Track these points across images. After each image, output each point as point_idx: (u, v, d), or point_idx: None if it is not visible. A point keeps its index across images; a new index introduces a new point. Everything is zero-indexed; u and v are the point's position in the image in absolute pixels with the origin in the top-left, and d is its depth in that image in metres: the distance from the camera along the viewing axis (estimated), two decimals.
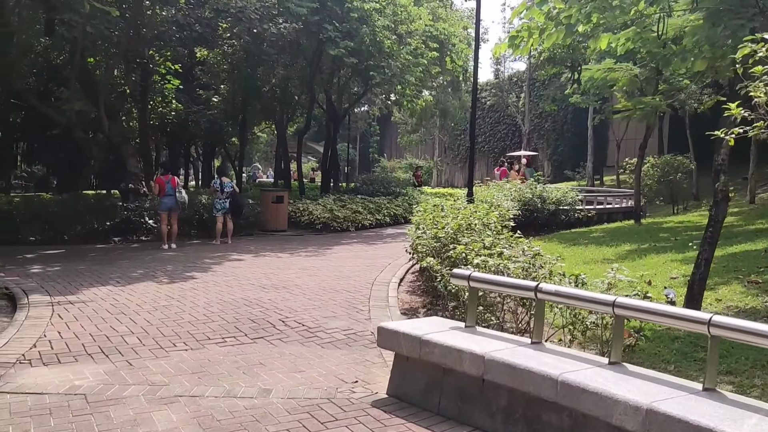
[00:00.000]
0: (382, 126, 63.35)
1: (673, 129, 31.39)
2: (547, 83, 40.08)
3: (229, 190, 13.28)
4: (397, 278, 9.14)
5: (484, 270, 5.00)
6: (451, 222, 6.87)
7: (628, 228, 15.54)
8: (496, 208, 10.60)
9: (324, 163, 23.21)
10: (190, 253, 11.80)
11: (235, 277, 9.02)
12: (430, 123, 42.38)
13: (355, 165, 61.87)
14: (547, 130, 41.39)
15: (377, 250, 12.48)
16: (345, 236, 15.24)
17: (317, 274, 9.35)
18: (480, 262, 4.98)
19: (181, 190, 12.86)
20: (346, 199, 17.99)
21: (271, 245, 13.14)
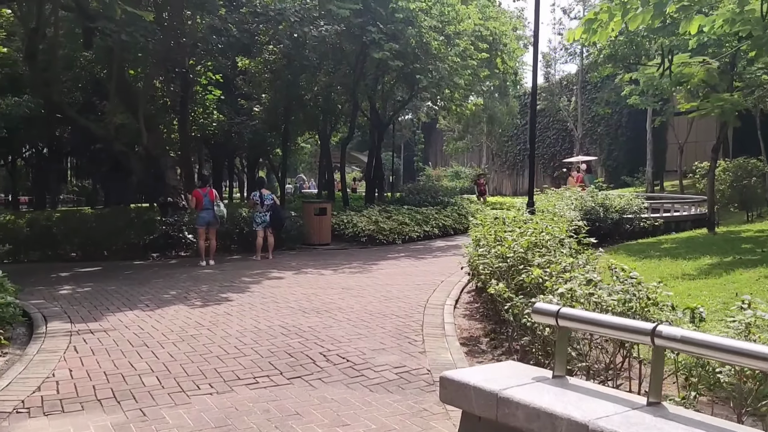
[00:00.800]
0: (426, 134, 62.49)
1: (740, 130, 29.48)
2: (599, 85, 38.46)
3: (270, 203, 12.58)
4: (452, 299, 8.18)
5: (569, 302, 4.02)
6: (518, 238, 5.89)
7: (702, 238, 14.16)
8: (559, 219, 9.59)
9: (368, 173, 22.44)
10: (228, 270, 11.10)
11: (274, 298, 8.22)
12: (477, 129, 41.25)
13: (399, 174, 61.12)
14: (600, 134, 39.69)
15: (427, 266, 11.54)
16: (391, 250, 14.35)
17: (362, 295, 8.48)
18: (565, 291, 4.00)
19: (219, 203, 12.21)
20: (392, 210, 17.11)
21: (313, 261, 12.35)
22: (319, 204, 15.49)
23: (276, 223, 12.65)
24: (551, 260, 5.15)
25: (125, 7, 9.88)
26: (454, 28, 16.11)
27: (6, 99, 19.74)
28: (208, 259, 11.93)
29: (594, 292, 3.88)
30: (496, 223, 7.12)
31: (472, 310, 7.75)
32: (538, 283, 4.69)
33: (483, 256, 6.13)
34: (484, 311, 7.50)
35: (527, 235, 5.78)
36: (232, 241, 14.16)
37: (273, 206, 12.59)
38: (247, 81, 21.40)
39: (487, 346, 5.99)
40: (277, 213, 12.59)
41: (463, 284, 9.42)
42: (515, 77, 22.18)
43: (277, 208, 12.65)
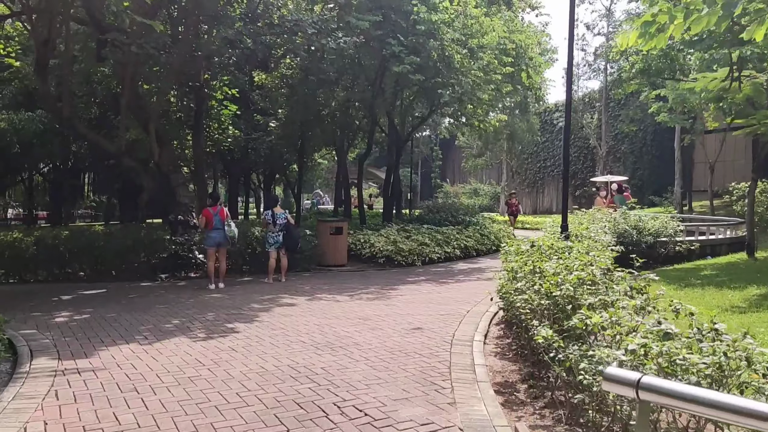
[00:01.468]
0: (444, 150, 61.88)
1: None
2: (623, 103, 37.60)
3: (283, 222, 11.92)
4: (481, 334, 7.41)
5: (642, 361, 3.25)
6: (561, 270, 5.14)
7: (742, 264, 13.24)
8: (595, 244, 8.83)
9: (386, 190, 21.75)
10: (237, 294, 10.42)
11: (284, 330, 7.51)
12: (496, 146, 40.50)
13: (417, 191, 60.49)
14: (624, 152, 38.71)
15: (450, 292, 10.77)
16: (411, 272, 13.60)
17: (381, 327, 7.73)
18: (638, 347, 3.23)
19: (230, 222, 11.54)
20: (411, 230, 16.39)
21: (328, 284, 11.64)
22: (335, 223, 14.81)
23: (290, 244, 11.97)
24: (606, 300, 4.39)
25: (134, 16, 9.35)
26: (477, 42, 15.45)
27: (19, 114, 19.42)
28: (218, 282, 11.28)
29: (676, 350, 3.11)
30: (532, 251, 6.35)
31: (503, 346, 6.97)
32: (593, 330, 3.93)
33: (521, 291, 5.37)
34: (517, 349, 6.72)
35: (574, 268, 5.02)
36: (244, 262, 13.52)
37: (286, 226, 11.91)
38: (263, 96, 20.90)
39: (525, 395, 5.21)
40: (290, 233, 11.90)
41: (491, 315, 8.65)
42: (539, 92, 21.40)
43: (291, 228, 11.96)
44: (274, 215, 11.92)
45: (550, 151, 47.30)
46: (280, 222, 11.87)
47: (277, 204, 12.33)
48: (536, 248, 6.44)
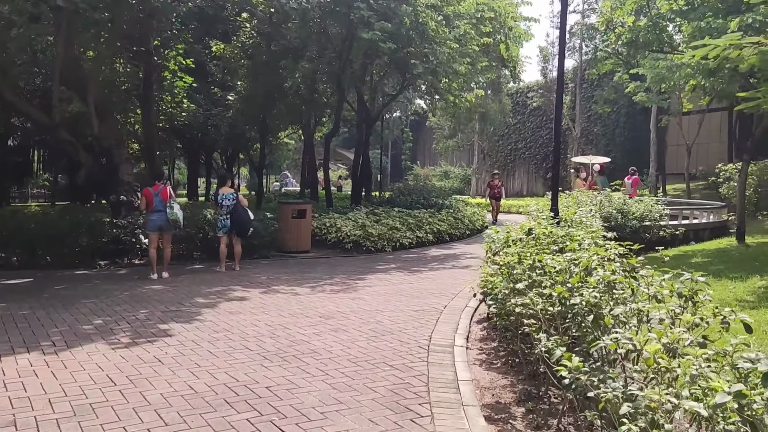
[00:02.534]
0: (415, 132, 60.74)
1: (745, 127, 27.89)
2: (596, 84, 36.85)
3: (230, 204, 10.57)
4: (462, 335, 6.29)
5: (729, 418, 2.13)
6: (571, 268, 4.03)
7: (735, 251, 12.41)
8: (587, 229, 7.80)
9: (355, 171, 20.47)
10: (181, 286, 9.11)
11: (228, 333, 6.27)
12: (468, 127, 39.46)
13: (386, 173, 59.28)
14: (596, 134, 38.04)
15: (424, 282, 9.64)
16: (380, 259, 12.43)
17: (345, 327, 6.55)
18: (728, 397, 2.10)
19: (173, 204, 10.10)
20: (381, 213, 15.20)
21: (288, 274, 10.40)
22: (298, 205, 13.52)
23: (239, 229, 10.64)
24: (641, 311, 3.28)
25: None
26: (453, 9, 14.21)
27: None
28: (161, 271, 9.94)
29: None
30: (527, 240, 5.22)
31: (489, 351, 5.86)
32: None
33: (520, 292, 4.22)
34: (506, 355, 5.63)
35: (587, 264, 3.90)
36: (195, 248, 12.17)
37: (235, 208, 10.57)
38: (221, 67, 19.35)
39: (524, 424, 4.09)
40: (239, 216, 10.54)
41: (471, 310, 7.55)
42: (516, 69, 20.26)
43: (240, 211, 10.57)
44: (221, 196, 10.60)
45: (521, 132, 46.51)
46: (226, 203, 10.54)
47: (225, 183, 10.97)
48: (532, 237, 5.30)
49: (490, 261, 5.79)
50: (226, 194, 10.71)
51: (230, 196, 10.69)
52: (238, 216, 10.60)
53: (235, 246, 10.83)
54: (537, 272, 4.34)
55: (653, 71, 21.89)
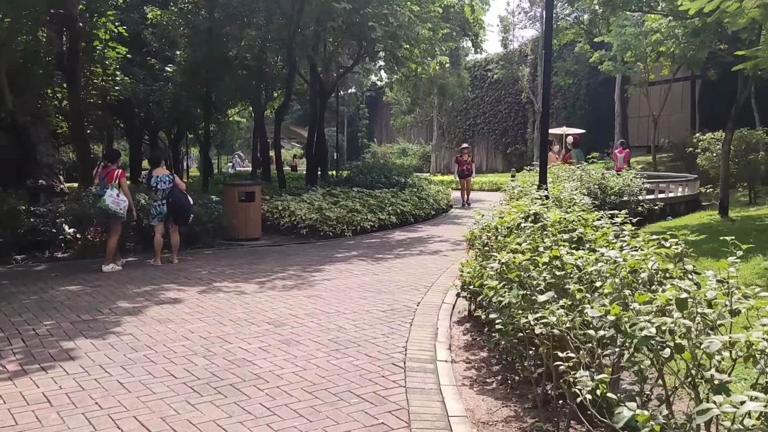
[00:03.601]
0: (371, 109, 59.26)
1: (716, 98, 27.50)
2: (556, 55, 36.03)
3: (166, 187, 9.14)
4: (444, 344, 5.13)
5: None
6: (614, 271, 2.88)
7: (721, 226, 11.62)
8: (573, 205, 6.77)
9: (309, 149, 19.07)
10: (105, 286, 7.67)
11: (150, 352, 4.95)
12: (426, 102, 38.27)
13: (343, 151, 57.79)
14: (556, 107, 37.31)
15: (390, 272, 8.45)
16: (340, 245, 11.18)
17: (299, 338, 5.31)
18: None
19: (106, 189, 8.67)
20: (339, 194, 13.93)
21: (233, 266, 9.05)
22: (245, 187, 12.10)
23: (177, 216, 9.24)
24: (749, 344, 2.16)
25: None
26: None
27: None
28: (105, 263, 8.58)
29: None
30: (535, 229, 4.04)
31: (479, 364, 4.72)
32: None
33: (533, 305, 3.04)
34: (501, 369, 4.49)
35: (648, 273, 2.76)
36: (128, 238, 10.66)
37: (172, 192, 9.14)
38: (158, 36, 17.55)
39: None
40: (176, 201, 9.13)
41: (449, 307, 6.41)
42: (476, 39, 19.03)
43: (177, 195, 9.16)
44: (154, 178, 9.15)
45: (480, 107, 45.64)
46: (161, 187, 9.11)
47: (159, 164, 9.49)
48: (540, 224, 4.13)
49: (480, 254, 4.61)
50: (160, 176, 9.26)
51: (166, 179, 9.24)
52: (175, 201, 9.17)
53: (172, 236, 9.41)
54: (556, 274, 3.16)
55: (619, 39, 21.08)
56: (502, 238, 4.39)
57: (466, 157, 18.80)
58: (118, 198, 8.89)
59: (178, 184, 9.34)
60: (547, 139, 8.22)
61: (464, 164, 18.54)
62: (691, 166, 22.68)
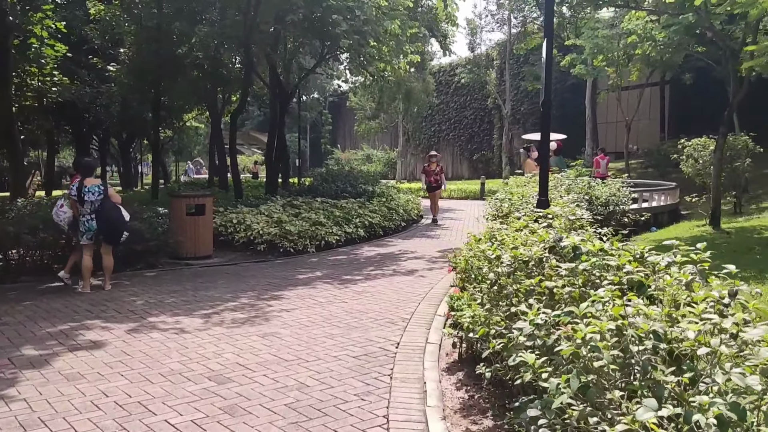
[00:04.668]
0: (334, 114, 58.08)
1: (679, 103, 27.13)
2: (522, 60, 35.45)
3: (95, 199, 7.79)
4: (436, 409, 3.96)
5: None
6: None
7: (716, 239, 10.76)
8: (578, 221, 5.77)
9: (269, 155, 17.74)
10: (12, 323, 6.27)
11: (40, 429, 3.66)
12: (391, 108, 37.25)
13: (305, 158, 56.41)
14: (524, 113, 36.74)
15: (361, 299, 7.26)
16: (302, 264, 9.94)
17: (248, 407, 4.08)
18: None
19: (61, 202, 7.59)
20: (301, 205, 12.70)
21: (175, 293, 7.73)
22: (194, 199, 10.74)
23: (107, 233, 7.88)
24: None
25: None
26: None
27: None
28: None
29: None
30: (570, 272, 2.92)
31: None
32: None
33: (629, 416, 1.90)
34: None
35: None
36: (54, 258, 9.22)
37: (102, 205, 7.79)
38: (101, 32, 16.03)
39: None
40: (107, 216, 7.78)
41: (435, 348, 5.27)
42: (444, 40, 18.01)
43: (108, 209, 7.85)
44: (79, 189, 7.79)
45: (445, 113, 44.91)
46: (90, 199, 7.75)
47: (90, 172, 8.12)
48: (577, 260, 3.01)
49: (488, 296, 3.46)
50: (90, 187, 7.89)
51: (95, 189, 7.86)
52: (106, 216, 7.81)
53: (104, 257, 8.04)
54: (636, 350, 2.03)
55: (591, 42, 20.39)
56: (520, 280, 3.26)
57: (434, 167, 15.71)
58: (60, 209, 8.02)
59: (111, 196, 7.99)
60: (548, 142, 7.12)
61: (432, 174, 15.57)
62: (664, 173, 22.15)
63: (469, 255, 4.72)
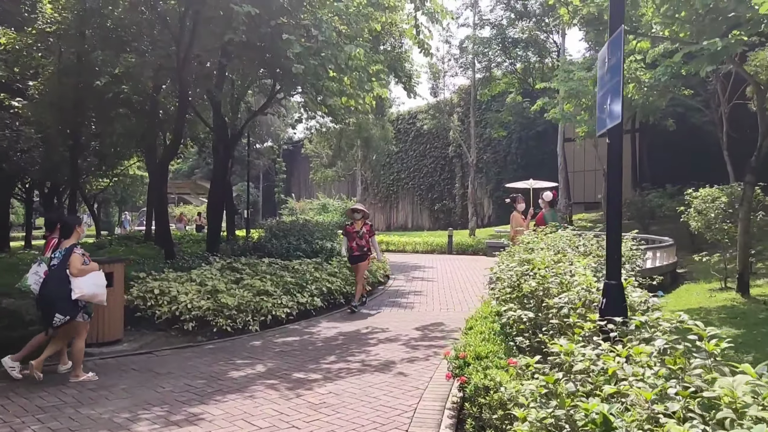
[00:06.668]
0: (289, 162, 56.01)
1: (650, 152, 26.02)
2: (484, 107, 34.27)
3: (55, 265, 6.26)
4: None
5: None
6: None
7: (750, 310, 8.84)
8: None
9: (212, 205, 15.34)
10: None
11: None
12: (349, 155, 35.44)
13: (258, 207, 53.86)
14: (486, 162, 35.36)
15: (319, 422, 4.92)
16: (240, 352, 7.53)
17: None
18: None
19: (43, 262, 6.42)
20: (244, 267, 10.36)
21: (43, 411, 5.23)
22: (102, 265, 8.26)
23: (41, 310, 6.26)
24: None
25: None
26: None
27: None
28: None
29: None
30: None
31: None
32: None
33: None
34: None
35: None
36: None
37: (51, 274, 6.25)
38: (9, 63, 13.55)
39: None
40: (46, 289, 6.19)
41: None
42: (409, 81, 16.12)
43: (52, 279, 6.20)
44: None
45: (404, 161, 43.38)
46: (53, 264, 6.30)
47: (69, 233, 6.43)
48: None
49: None
50: (61, 251, 6.29)
51: (59, 255, 6.29)
52: (46, 288, 6.18)
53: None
54: None
55: (566, 85, 18.99)
56: None
57: (358, 226, 10.60)
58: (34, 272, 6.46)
59: (70, 263, 6.19)
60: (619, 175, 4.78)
61: (355, 237, 10.49)
62: (646, 225, 20.66)
63: None
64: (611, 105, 4.07)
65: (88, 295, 6.23)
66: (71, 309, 6.14)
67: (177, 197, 42.03)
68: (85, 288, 6.19)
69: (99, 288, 6.36)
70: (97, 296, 6.34)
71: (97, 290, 6.34)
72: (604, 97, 4.27)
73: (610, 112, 4.13)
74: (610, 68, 4.06)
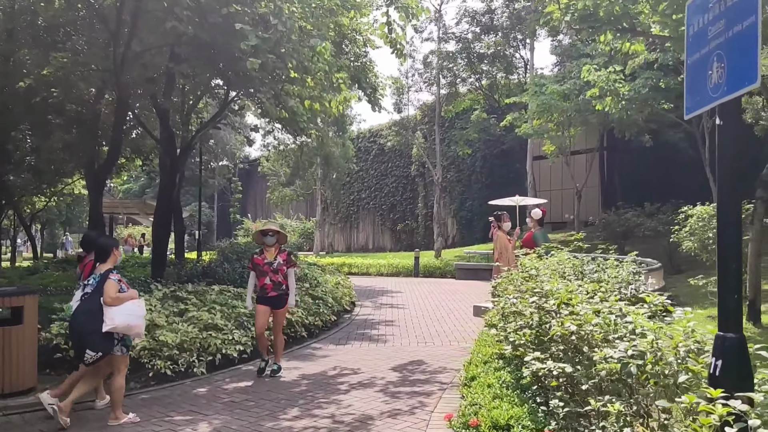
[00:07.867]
0: (245, 181, 54.30)
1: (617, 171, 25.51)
2: (448, 125, 33.48)
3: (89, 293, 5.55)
4: None
5: None
6: None
7: (763, 341, 7.89)
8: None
9: (158, 227, 13.83)
10: None
11: None
12: (308, 174, 34.11)
13: (213, 228, 51.81)
14: (450, 181, 34.47)
15: None
16: (179, 406, 6.11)
17: None
18: None
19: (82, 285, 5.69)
20: (190, 297, 8.91)
21: None
22: (8, 299, 6.72)
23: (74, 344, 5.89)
24: None
25: None
26: None
27: None
28: None
29: None
30: None
31: None
32: None
33: None
34: None
35: None
36: None
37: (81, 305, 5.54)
38: None
39: None
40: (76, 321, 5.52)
41: None
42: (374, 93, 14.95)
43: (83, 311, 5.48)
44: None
45: (365, 181, 42.24)
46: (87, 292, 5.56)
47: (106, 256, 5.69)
48: None
49: None
50: (96, 276, 5.60)
51: (92, 281, 5.58)
52: (76, 319, 5.50)
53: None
54: None
55: (537, 99, 18.22)
56: None
57: (270, 254, 7.37)
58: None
59: (105, 291, 5.40)
60: (736, 196, 3.71)
61: (268, 272, 7.27)
62: (620, 246, 19.91)
63: None
64: (740, 59, 2.77)
65: (122, 327, 5.36)
66: (103, 343, 5.37)
67: (126, 218, 39.79)
68: (117, 319, 5.37)
69: (136, 319, 5.46)
70: (132, 328, 5.44)
71: (133, 321, 5.43)
72: (716, 53, 2.97)
73: (732, 72, 2.82)
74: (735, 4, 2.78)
